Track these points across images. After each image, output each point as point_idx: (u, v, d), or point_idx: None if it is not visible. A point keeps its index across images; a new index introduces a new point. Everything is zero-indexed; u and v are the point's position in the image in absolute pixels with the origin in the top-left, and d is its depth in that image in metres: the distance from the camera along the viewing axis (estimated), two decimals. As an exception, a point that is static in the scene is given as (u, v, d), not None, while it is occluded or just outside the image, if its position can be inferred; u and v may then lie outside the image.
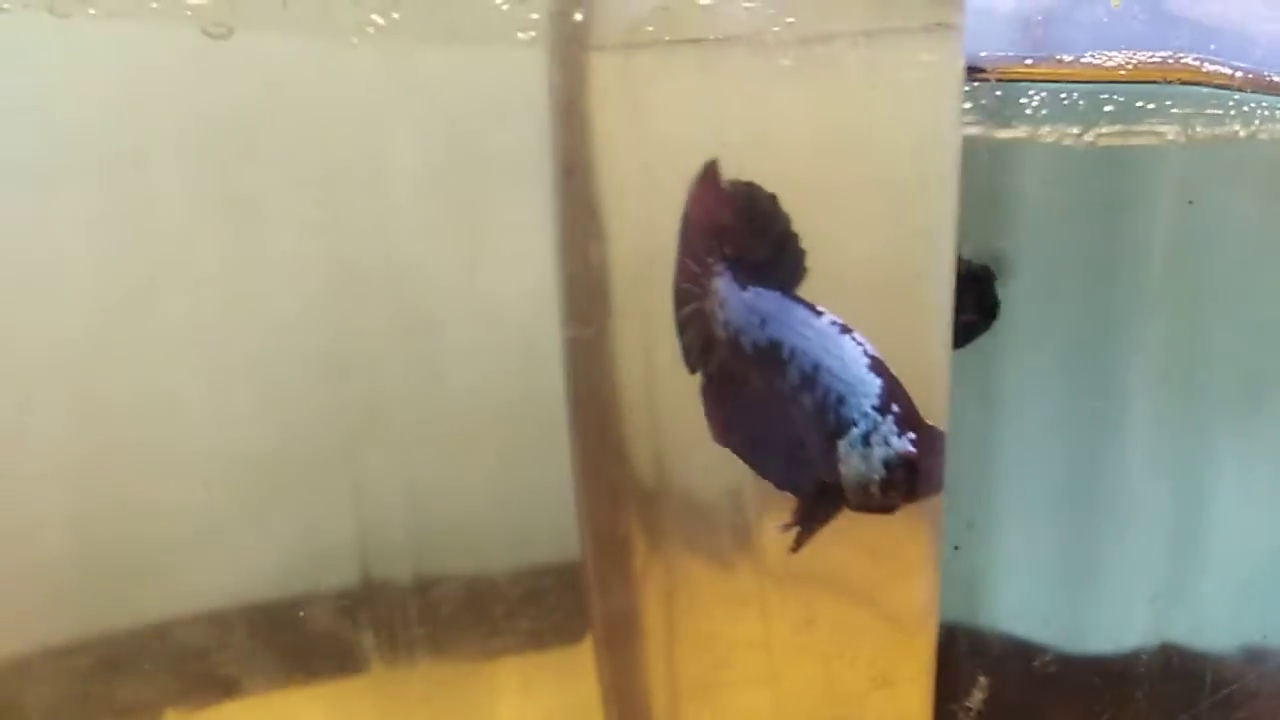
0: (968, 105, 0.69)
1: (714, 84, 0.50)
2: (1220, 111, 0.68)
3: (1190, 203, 0.68)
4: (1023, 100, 0.70)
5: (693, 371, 0.47)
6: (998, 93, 0.70)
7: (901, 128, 0.53)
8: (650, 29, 0.48)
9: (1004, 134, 0.70)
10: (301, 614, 0.48)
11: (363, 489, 0.48)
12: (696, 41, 0.49)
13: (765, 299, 0.45)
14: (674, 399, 0.51)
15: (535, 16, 0.46)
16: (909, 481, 0.43)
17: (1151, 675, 0.77)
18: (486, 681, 0.52)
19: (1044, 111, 0.70)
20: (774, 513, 0.51)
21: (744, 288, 0.46)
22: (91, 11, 0.39)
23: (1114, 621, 0.77)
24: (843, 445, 0.43)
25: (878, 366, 0.43)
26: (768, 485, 0.50)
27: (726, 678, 0.56)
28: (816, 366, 0.43)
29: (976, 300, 0.71)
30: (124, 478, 0.45)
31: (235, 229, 0.44)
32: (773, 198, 0.46)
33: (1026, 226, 0.72)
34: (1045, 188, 0.71)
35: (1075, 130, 0.69)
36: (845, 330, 0.43)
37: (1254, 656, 0.80)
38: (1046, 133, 0.69)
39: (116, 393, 0.44)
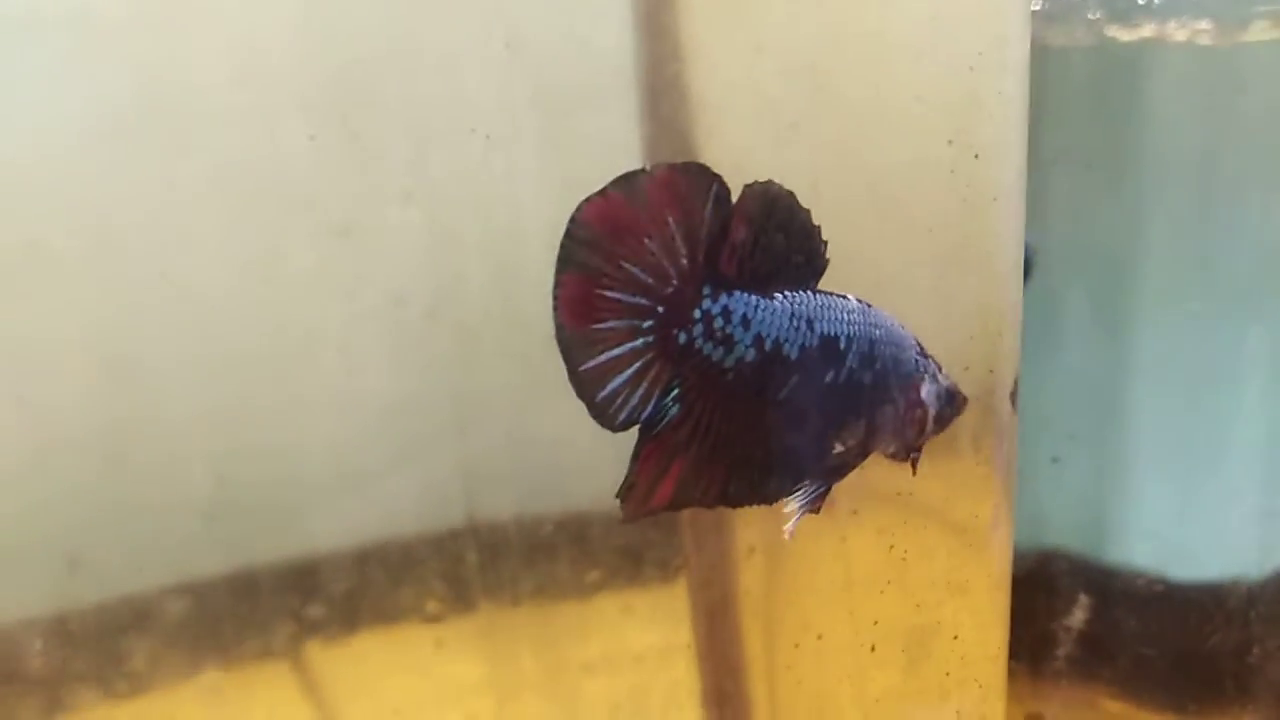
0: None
1: None
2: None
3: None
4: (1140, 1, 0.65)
5: (625, 427, 0.41)
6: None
7: (963, 6, 0.52)
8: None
9: (1128, 36, 0.66)
10: (413, 554, 0.50)
11: (465, 432, 0.49)
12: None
13: (804, 301, 0.43)
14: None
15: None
16: (955, 408, 0.49)
17: (1262, 598, 0.74)
18: (586, 617, 0.53)
19: (1158, 2, 0.65)
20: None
21: (769, 298, 0.42)
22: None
23: (1222, 543, 0.74)
24: (925, 391, 0.47)
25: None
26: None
27: (810, 599, 0.57)
28: (872, 343, 0.45)
29: None
30: (259, 422, 0.47)
31: (354, 177, 0.45)
32: (791, 194, 0.42)
33: (1155, 138, 0.69)
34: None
35: (1205, 26, 0.64)
36: (865, 303, 0.46)
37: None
38: (1174, 29, 0.65)
39: (252, 340, 0.46)
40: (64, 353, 0.43)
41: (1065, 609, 0.76)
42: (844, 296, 0.44)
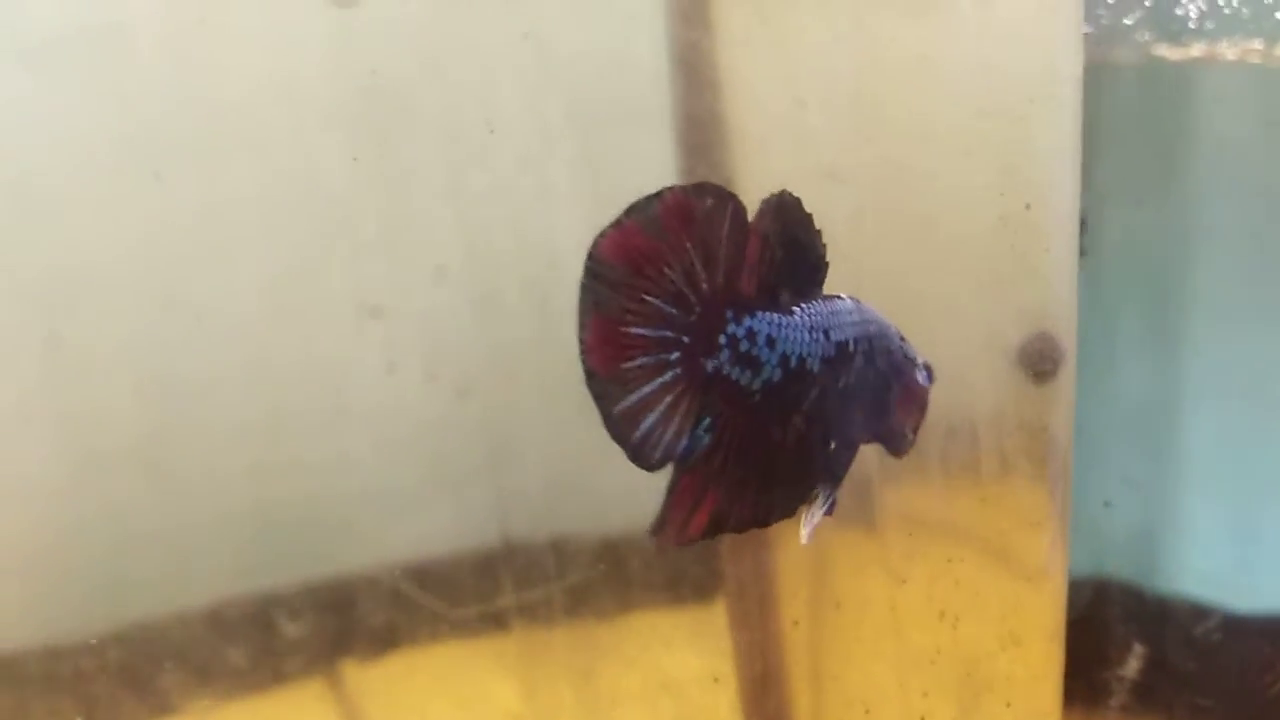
0: (1127, 22, 0.63)
1: (832, 17, 0.49)
2: None
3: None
4: (1178, 12, 0.63)
5: (663, 465, 0.39)
6: (1146, 3, 0.63)
7: (1013, 52, 0.51)
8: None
9: (1176, 55, 0.64)
10: (449, 576, 0.50)
11: (500, 454, 0.49)
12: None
13: (817, 311, 0.42)
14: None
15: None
16: (932, 384, 0.49)
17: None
18: (622, 640, 0.53)
19: (1210, 24, 0.63)
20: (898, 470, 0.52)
21: (789, 313, 0.41)
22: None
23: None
24: (919, 376, 0.47)
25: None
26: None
27: (857, 673, 0.56)
28: (870, 340, 0.45)
29: None
30: (297, 441, 0.47)
31: (391, 198, 0.46)
32: (797, 200, 0.40)
33: (1207, 159, 0.66)
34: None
35: (1258, 45, 0.62)
36: (855, 299, 0.45)
37: None
38: (1225, 48, 0.63)
39: (290, 356, 0.46)
40: (107, 370, 0.43)
41: (1119, 657, 0.73)
42: (840, 297, 0.43)
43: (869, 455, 0.51)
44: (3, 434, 0.42)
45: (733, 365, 0.39)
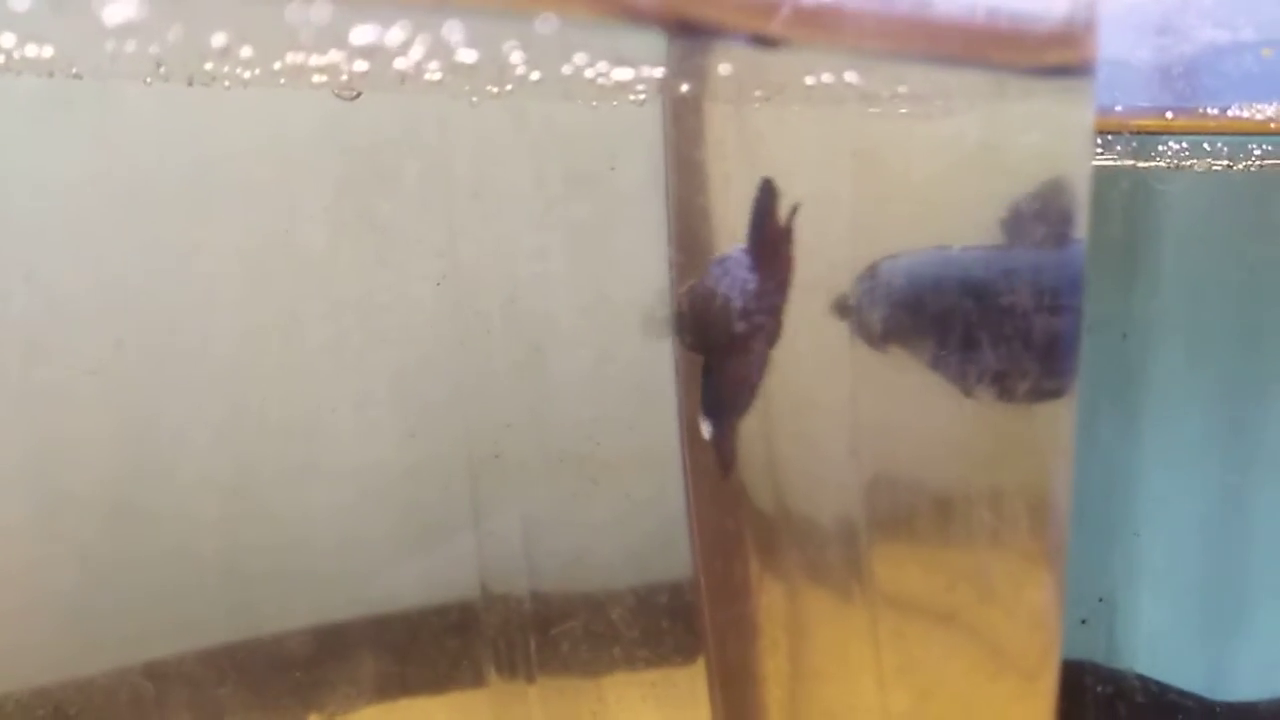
0: (1100, 153, 0.66)
1: (827, 139, 0.50)
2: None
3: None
4: (1161, 148, 0.66)
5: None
6: (1134, 144, 0.66)
7: (1024, 189, 0.51)
8: (759, 93, 0.49)
9: (1144, 164, 0.67)
10: (426, 625, 0.50)
11: (481, 509, 0.50)
12: (808, 99, 0.49)
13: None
14: (788, 427, 0.52)
15: (641, 88, 0.47)
16: None
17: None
18: (601, 698, 0.53)
19: (1185, 153, 0.66)
20: (887, 542, 0.52)
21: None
22: (226, 85, 0.41)
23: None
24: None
25: None
26: (882, 511, 0.51)
27: (837, 704, 0.55)
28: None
29: None
30: (270, 489, 0.48)
31: (371, 261, 0.47)
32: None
33: (1167, 267, 0.69)
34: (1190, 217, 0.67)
35: (1223, 163, 0.65)
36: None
37: None
38: (1191, 165, 0.66)
39: (265, 410, 0.47)
40: (79, 410, 0.44)
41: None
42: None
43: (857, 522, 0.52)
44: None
45: None
